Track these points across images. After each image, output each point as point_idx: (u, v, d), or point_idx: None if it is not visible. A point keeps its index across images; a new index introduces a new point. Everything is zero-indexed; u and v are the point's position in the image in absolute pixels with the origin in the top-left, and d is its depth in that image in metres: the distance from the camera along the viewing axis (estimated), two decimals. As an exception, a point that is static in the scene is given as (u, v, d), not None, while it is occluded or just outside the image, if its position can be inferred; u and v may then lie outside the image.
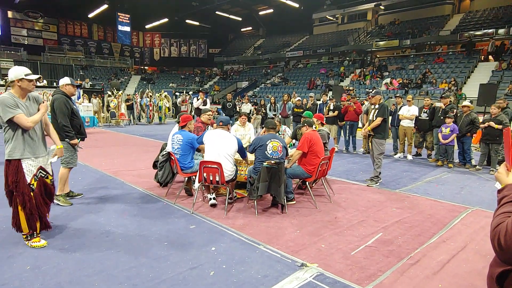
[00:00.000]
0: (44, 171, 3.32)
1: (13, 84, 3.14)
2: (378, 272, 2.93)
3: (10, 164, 3.13)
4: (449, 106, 7.83)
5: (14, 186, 3.10)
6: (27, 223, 3.17)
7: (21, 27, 31.57)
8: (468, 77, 18.75)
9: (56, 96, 4.43)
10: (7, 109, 3.01)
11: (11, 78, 3.11)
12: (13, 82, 3.12)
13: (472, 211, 4.64)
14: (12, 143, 3.12)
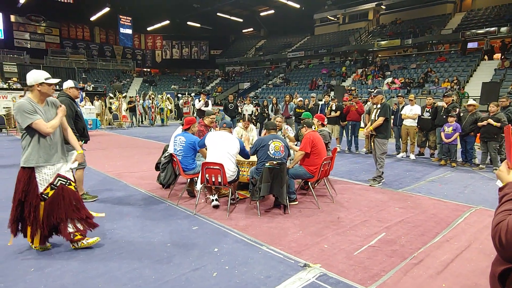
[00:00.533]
0: (65, 178, 3.16)
1: (32, 89, 3.01)
2: (381, 272, 2.92)
3: (24, 172, 3.01)
4: (452, 105, 7.80)
5: (24, 195, 2.99)
6: (30, 233, 3.09)
7: (24, 31, 31.76)
8: (470, 76, 18.68)
9: (61, 99, 4.45)
10: (25, 115, 2.88)
11: (30, 82, 3.00)
12: (33, 86, 3.00)
13: (475, 210, 4.62)
14: (28, 150, 3.00)
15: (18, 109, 2.89)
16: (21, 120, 2.89)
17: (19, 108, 2.89)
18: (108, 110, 16.49)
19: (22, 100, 2.97)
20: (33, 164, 2.99)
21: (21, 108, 2.89)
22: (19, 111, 2.89)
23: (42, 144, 3.01)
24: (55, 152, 3.10)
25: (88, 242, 3.25)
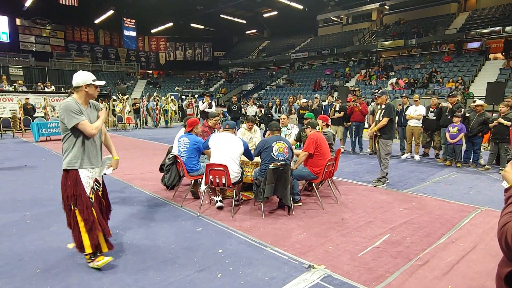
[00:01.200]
0: (99, 183, 3.12)
1: (79, 89, 2.93)
2: (386, 274, 2.91)
3: (68, 174, 2.88)
4: (457, 105, 7.75)
5: (74, 200, 2.84)
6: (90, 241, 2.88)
7: (29, 34, 32.05)
8: (475, 76, 18.55)
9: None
10: (72, 115, 2.80)
11: (78, 83, 2.92)
12: (79, 87, 2.92)
13: (481, 211, 4.59)
14: (72, 152, 2.89)
15: (64, 108, 2.81)
16: (67, 120, 2.80)
17: (66, 107, 2.81)
18: (112, 112, 16.60)
19: (68, 100, 2.88)
20: (77, 166, 2.89)
21: (68, 107, 2.81)
22: (66, 110, 2.80)
23: (86, 147, 2.95)
24: (96, 155, 3.05)
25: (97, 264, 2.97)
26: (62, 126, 2.89)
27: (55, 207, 4.60)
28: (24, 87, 16.34)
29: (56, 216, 4.23)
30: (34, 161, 7.84)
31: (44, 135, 11.44)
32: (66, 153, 2.92)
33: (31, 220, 4.09)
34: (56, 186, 5.61)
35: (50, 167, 7.21)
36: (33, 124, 11.41)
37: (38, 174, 6.58)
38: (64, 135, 2.92)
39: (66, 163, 2.90)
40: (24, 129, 13.05)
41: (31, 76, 19.60)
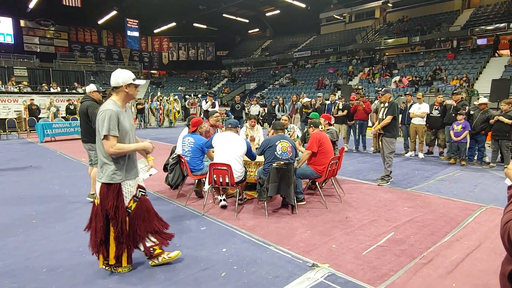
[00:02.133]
0: (143, 188, 2.98)
1: (119, 90, 2.72)
2: (390, 272, 2.90)
3: (110, 187, 2.70)
4: (461, 103, 7.71)
5: (113, 211, 2.70)
6: (115, 253, 2.77)
7: (33, 35, 32.25)
8: (480, 73, 18.41)
9: (90, 103, 4.73)
10: (107, 124, 2.58)
11: (117, 83, 2.70)
12: (119, 87, 2.71)
13: (486, 209, 4.56)
14: (113, 165, 2.69)
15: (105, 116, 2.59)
16: (101, 127, 2.60)
17: (107, 115, 2.58)
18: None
19: (110, 107, 2.63)
20: (119, 180, 2.72)
21: (109, 116, 2.59)
22: (105, 118, 2.58)
23: (129, 158, 2.80)
24: (135, 162, 2.94)
25: (170, 256, 3.02)
26: (97, 133, 2.68)
27: (61, 207, 4.64)
28: (29, 88, 16.45)
29: (61, 216, 4.28)
30: (39, 161, 7.90)
31: (49, 135, 11.52)
32: (105, 164, 2.70)
33: (36, 220, 4.12)
34: (62, 186, 5.68)
35: (55, 167, 7.27)
36: (38, 125, 11.50)
37: (43, 174, 6.63)
38: (100, 142, 2.68)
39: (108, 176, 2.68)
40: (29, 129, 13.15)
41: (36, 77, 19.72)
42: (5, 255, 3.21)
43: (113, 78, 2.73)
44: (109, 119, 2.59)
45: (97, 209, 2.76)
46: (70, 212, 4.41)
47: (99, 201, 2.74)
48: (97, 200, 2.77)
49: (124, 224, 2.76)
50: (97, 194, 2.75)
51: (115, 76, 2.73)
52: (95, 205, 2.79)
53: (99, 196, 2.74)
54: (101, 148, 2.68)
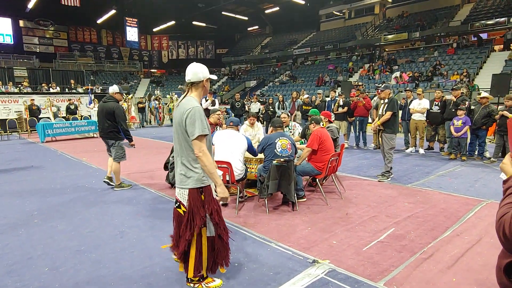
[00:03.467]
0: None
1: (199, 85, 2.52)
2: (390, 267, 2.92)
3: (205, 191, 2.51)
4: (461, 98, 7.70)
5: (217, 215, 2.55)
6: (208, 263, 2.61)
7: (33, 35, 32.29)
8: (480, 68, 18.37)
9: (115, 104, 5.22)
10: (202, 123, 2.39)
11: (198, 77, 2.49)
12: (200, 82, 2.51)
13: (486, 204, 4.57)
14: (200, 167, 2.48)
15: (197, 113, 2.38)
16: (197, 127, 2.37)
17: (198, 113, 2.39)
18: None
19: (195, 103, 2.44)
20: (208, 182, 2.52)
21: (200, 113, 2.40)
22: (199, 116, 2.39)
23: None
24: None
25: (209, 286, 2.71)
26: (183, 133, 2.43)
27: (62, 206, 4.67)
28: (29, 88, 16.47)
29: (63, 215, 4.30)
30: (40, 161, 7.93)
31: (50, 135, 11.54)
32: (194, 167, 2.46)
33: (38, 220, 4.14)
34: (63, 186, 5.70)
35: (56, 167, 7.29)
36: (38, 125, 11.52)
37: (45, 174, 6.65)
38: (187, 143, 2.45)
39: (199, 180, 2.47)
40: (30, 130, 13.18)
41: (36, 77, 19.73)
42: (7, 254, 3.23)
43: (193, 73, 2.50)
44: (200, 117, 2.38)
45: (188, 218, 2.49)
46: (72, 211, 4.43)
47: (190, 211, 2.48)
48: (183, 208, 2.53)
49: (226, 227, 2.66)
50: (183, 202, 2.52)
51: (194, 70, 2.50)
52: (181, 214, 2.55)
53: (190, 205, 2.48)
54: (189, 149, 2.45)
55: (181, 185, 2.52)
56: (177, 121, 2.47)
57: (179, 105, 2.50)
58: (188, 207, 2.49)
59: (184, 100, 2.50)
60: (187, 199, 2.49)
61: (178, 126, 2.46)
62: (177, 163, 2.55)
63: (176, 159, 2.56)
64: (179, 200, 2.55)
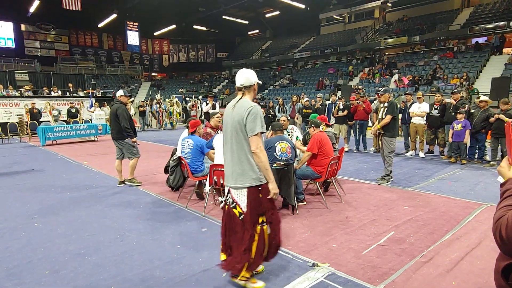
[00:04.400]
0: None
1: (251, 88, 2.62)
2: (390, 271, 2.92)
3: (262, 189, 2.54)
4: (460, 102, 7.72)
5: (270, 214, 2.58)
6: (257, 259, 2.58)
7: (34, 39, 32.42)
8: (480, 71, 18.42)
9: (119, 106, 5.70)
10: (261, 121, 2.50)
11: (251, 81, 2.60)
12: (251, 86, 2.61)
13: (486, 207, 4.57)
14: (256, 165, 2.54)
15: (257, 112, 2.47)
16: (257, 125, 2.46)
17: (258, 112, 2.49)
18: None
19: (254, 104, 2.54)
20: (264, 181, 2.56)
21: (259, 112, 2.50)
22: (258, 115, 2.48)
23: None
24: None
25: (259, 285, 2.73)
26: (242, 131, 2.49)
27: (62, 210, 4.67)
28: (30, 92, 16.52)
29: (63, 219, 4.31)
30: (41, 164, 7.94)
31: (51, 139, 11.57)
32: (252, 163, 2.51)
33: (39, 223, 4.15)
34: (63, 189, 5.71)
35: (57, 170, 7.31)
36: (39, 129, 11.55)
37: (45, 177, 6.67)
38: (245, 142, 2.51)
39: (257, 178, 2.51)
40: (30, 133, 13.21)
41: (37, 81, 19.82)
42: (8, 257, 3.24)
43: (245, 77, 2.60)
44: (260, 115, 2.50)
45: (246, 218, 2.52)
46: (72, 215, 4.44)
47: (250, 210, 2.51)
48: (239, 209, 2.55)
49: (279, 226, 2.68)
50: (239, 202, 2.54)
51: (246, 75, 2.61)
52: (235, 215, 2.56)
53: (250, 204, 2.51)
54: (248, 148, 2.51)
55: (237, 185, 2.54)
56: (236, 120, 2.51)
57: (235, 106, 2.56)
58: (248, 205, 2.52)
59: (240, 101, 2.58)
60: (246, 198, 2.53)
61: (237, 125, 2.50)
62: (231, 163, 2.57)
63: (230, 160, 2.58)
64: (236, 200, 2.56)
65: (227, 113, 2.64)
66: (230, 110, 2.61)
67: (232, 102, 2.64)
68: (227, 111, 2.65)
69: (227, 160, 2.63)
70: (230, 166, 2.59)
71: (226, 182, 2.66)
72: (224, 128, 2.66)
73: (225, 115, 2.66)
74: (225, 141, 2.65)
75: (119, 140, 5.76)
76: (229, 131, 2.57)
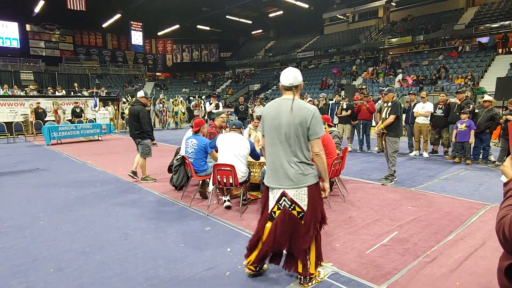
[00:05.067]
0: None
1: (298, 88, 2.61)
2: (393, 271, 2.92)
3: (318, 186, 2.63)
4: (465, 102, 7.67)
5: (321, 215, 2.64)
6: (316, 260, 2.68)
7: (39, 39, 32.65)
8: (485, 71, 18.29)
9: (140, 108, 5.98)
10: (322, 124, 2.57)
11: (300, 81, 2.60)
12: (299, 85, 2.61)
13: (491, 207, 4.55)
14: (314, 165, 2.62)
15: (318, 115, 2.53)
16: (320, 128, 2.53)
17: (319, 115, 2.55)
18: (121, 115, 16.82)
19: (312, 105, 2.58)
20: (317, 179, 2.63)
21: (319, 115, 2.56)
22: (319, 118, 2.54)
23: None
24: None
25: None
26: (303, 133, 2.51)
27: (67, 208, 4.71)
28: (35, 91, 16.64)
29: (68, 217, 4.34)
30: (46, 164, 8.00)
31: (55, 138, 11.65)
32: (309, 163, 2.58)
33: (44, 222, 4.19)
34: (68, 188, 5.75)
35: (62, 169, 7.36)
36: (44, 128, 11.63)
37: (50, 176, 6.72)
38: (304, 143, 2.54)
39: (315, 176, 2.58)
40: (35, 132, 13.31)
41: (42, 80, 19.96)
42: (14, 255, 3.27)
43: (293, 76, 2.57)
44: (321, 119, 2.56)
45: (308, 215, 2.56)
46: (76, 213, 4.48)
47: (311, 207, 2.56)
48: (298, 209, 2.56)
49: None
50: (299, 202, 2.56)
51: (294, 74, 2.58)
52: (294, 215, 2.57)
53: (311, 201, 2.56)
54: (305, 148, 2.55)
55: (298, 185, 2.53)
56: (297, 123, 2.48)
57: (293, 108, 2.50)
58: (309, 204, 2.55)
59: (297, 103, 2.54)
60: (307, 196, 2.55)
61: (299, 127, 2.49)
62: (287, 165, 2.54)
63: (285, 161, 2.55)
64: (295, 201, 2.56)
65: (278, 114, 2.56)
66: (285, 112, 2.53)
67: (284, 103, 2.56)
68: (277, 112, 2.58)
69: (278, 162, 2.58)
70: (283, 167, 2.55)
71: (278, 184, 2.59)
72: (272, 129, 2.60)
73: (274, 115, 2.58)
74: (274, 142, 2.59)
75: (138, 139, 6.06)
76: (285, 132, 2.52)
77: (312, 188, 2.56)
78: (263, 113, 2.72)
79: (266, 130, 2.68)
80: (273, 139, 2.60)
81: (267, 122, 2.64)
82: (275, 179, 2.62)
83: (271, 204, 2.68)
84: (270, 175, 2.67)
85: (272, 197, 2.67)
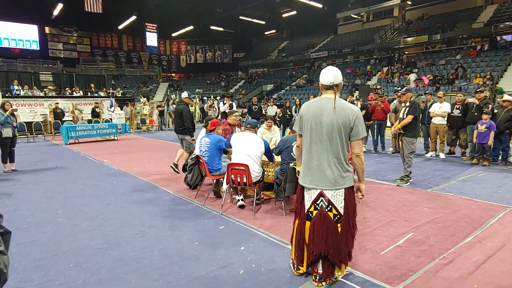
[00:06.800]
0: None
1: (339, 87, 2.60)
2: (409, 272, 2.88)
3: (353, 188, 2.66)
4: (484, 102, 7.49)
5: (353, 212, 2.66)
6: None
7: (58, 41, 33.49)
8: (504, 71, 17.79)
9: (184, 107, 6.67)
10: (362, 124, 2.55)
11: (340, 80, 2.58)
12: (339, 84, 2.60)
13: (510, 210, 4.43)
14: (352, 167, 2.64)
15: (362, 116, 2.55)
16: (362, 129, 2.51)
17: (362, 117, 2.55)
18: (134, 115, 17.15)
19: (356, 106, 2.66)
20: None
21: (362, 117, 2.55)
22: (362, 120, 2.53)
23: None
24: None
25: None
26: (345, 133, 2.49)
27: (85, 206, 4.83)
28: (53, 92, 17.08)
29: (86, 214, 4.45)
30: (64, 162, 8.21)
31: (73, 137, 11.93)
32: (349, 165, 2.60)
33: (63, 218, 4.30)
34: (86, 186, 5.88)
35: (79, 168, 7.54)
36: (62, 128, 11.92)
37: (69, 174, 6.89)
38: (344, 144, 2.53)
39: (352, 178, 2.61)
40: (54, 132, 13.66)
41: (60, 81, 20.45)
42: (35, 250, 3.38)
43: (334, 76, 2.54)
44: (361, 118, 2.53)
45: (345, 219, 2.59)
46: (94, 211, 4.58)
47: (347, 209, 2.58)
48: (333, 212, 2.57)
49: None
50: (336, 203, 2.56)
51: (335, 73, 2.55)
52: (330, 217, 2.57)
53: (347, 204, 2.58)
54: (345, 149, 2.54)
55: (336, 187, 2.53)
56: (341, 123, 2.46)
57: (336, 107, 2.47)
58: (345, 206, 2.57)
59: (340, 103, 2.51)
60: (343, 198, 2.56)
61: (342, 128, 2.47)
62: (327, 165, 2.52)
63: (325, 161, 2.52)
64: (332, 202, 2.55)
65: (319, 113, 2.52)
66: (328, 111, 2.49)
67: (326, 102, 2.52)
68: (319, 111, 2.53)
69: (316, 161, 2.55)
70: (321, 167, 2.53)
71: (314, 185, 2.58)
72: (312, 128, 2.55)
73: (315, 114, 2.53)
74: (314, 141, 2.55)
75: (180, 134, 6.68)
76: (326, 132, 2.49)
77: (350, 191, 2.57)
78: (302, 112, 2.66)
79: (305, 129, 2.62)
80: (313, 138, 2.56)
81: (307, 121, 2.58)
82: (311, 179, 2.59)
83: (307, 204, 2.66)
84: (306, 174, 2.64)
85: (308, 197, 2.65)
